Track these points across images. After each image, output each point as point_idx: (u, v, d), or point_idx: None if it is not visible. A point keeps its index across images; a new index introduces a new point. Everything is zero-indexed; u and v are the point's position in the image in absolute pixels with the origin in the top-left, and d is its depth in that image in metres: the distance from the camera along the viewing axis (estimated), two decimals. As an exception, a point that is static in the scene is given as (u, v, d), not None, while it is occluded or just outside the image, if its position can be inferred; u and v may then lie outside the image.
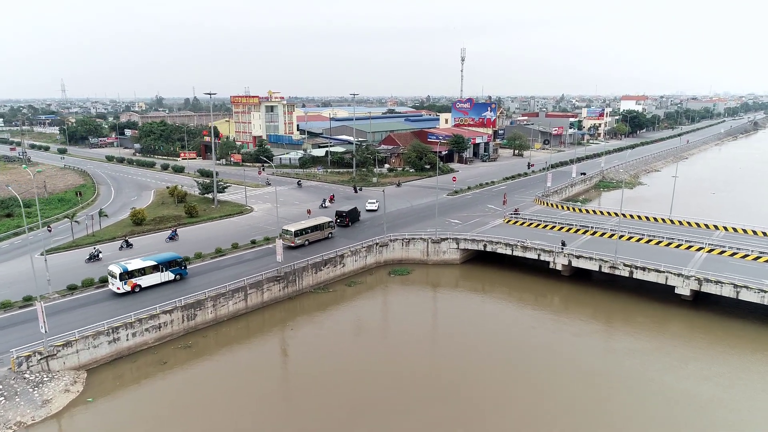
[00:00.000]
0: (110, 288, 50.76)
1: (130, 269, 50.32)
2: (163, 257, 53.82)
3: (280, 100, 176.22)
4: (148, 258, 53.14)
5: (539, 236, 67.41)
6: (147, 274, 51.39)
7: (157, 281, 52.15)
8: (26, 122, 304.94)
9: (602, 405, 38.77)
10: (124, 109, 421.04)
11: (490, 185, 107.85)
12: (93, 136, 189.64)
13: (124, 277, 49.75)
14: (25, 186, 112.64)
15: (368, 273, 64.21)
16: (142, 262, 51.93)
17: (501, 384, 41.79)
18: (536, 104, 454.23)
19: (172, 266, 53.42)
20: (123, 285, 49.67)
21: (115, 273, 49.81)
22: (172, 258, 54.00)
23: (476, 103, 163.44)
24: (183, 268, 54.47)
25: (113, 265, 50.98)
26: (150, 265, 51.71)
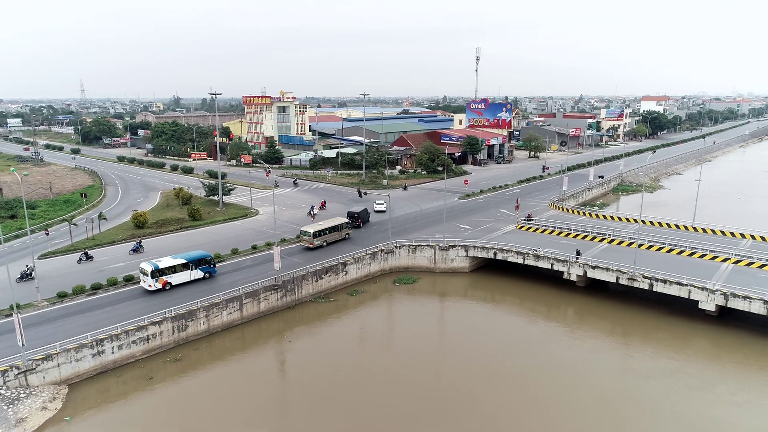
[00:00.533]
0: (142, 285, 50.95)
1: (161, 267, 50.56)
2: (193, 255, 53.95)
3: (292, 100, 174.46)
4: (178, 256, 53.21)
5: (553, 243, 64.04)
6: (177, 272, 51.64)
7: (187, 279, 52.41)
8: (45, 122, 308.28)
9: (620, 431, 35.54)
10: (142, 109, 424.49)
11: (504, 188, 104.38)
12: (106, 137, 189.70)
13: (155, 275, 49.98)
14: (34, 186, 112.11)
15: (372, 281, 61.45)
16: (173, 260, 52.01)
17: (511, 405, 38.78)
18: (554, 105, 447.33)
19: (201, 264, 53.70)
20: (154, 282, 49.89)
21: (146, 270, 50.02)
22: (201, 256, 54.18)
23: (491, 103, 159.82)
24: (212, 266, 54.72)
25: (145, 263, 51.04)
26: (180, 263, 51.84)
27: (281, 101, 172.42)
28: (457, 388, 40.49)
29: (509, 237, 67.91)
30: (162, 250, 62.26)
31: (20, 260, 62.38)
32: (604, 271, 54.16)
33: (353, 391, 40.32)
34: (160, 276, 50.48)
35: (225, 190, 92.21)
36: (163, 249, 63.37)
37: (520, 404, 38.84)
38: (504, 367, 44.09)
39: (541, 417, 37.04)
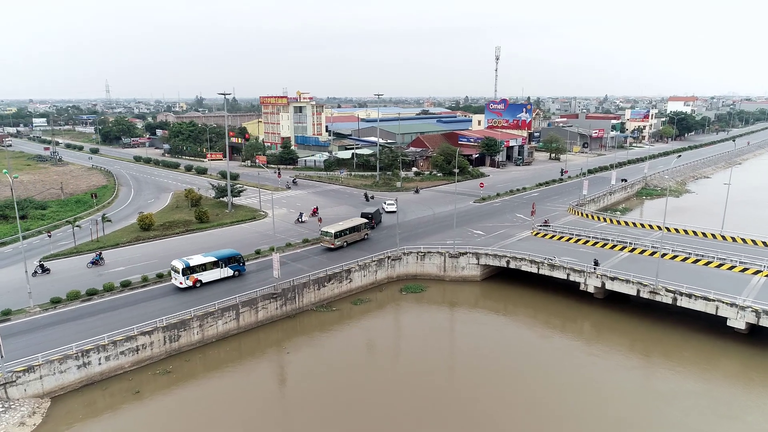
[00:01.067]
0: (173, 283, 51.53)
1: (191, 265, 51.21)
2: (223, 253, 54.57)
3: (309, 100, 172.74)
4: (208, 254, 53.66)
5: (570, 252, 60.68)
6: (208, 269, 52.14)
7: (217, 277, 52.92)
8: (69, 122, 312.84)
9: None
10: (165, 110, 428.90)
11: (522, 192, 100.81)
12: (126, 137, 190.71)
13: (186, 272, 50.60)
14: (49, 185, 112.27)
15: (378, 289, 58.87)
16: (203, 258, 52.55)
17: (525, 427, 35.88)
18: (578, 105, 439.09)
19: (231, 263, 54.29)
20: (185, 280, 50.55)
21: (178, 268, 50.69)
22: (231, 254, 54.79)
23: (511, 104, 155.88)
24: (242, 264, 55.30)
25: (176, 261, 51.68)
26: (210, 261, 52.42)
27: (298, 101, 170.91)
28: (466, 408, 37.70)
29: (524, 244, 64.69)
30: (83, 273, 57.38)
31: (19, 264, 61.42)
32: (623, 283, 50.69)
33: (355, 407, 37.93)
34: (191, 273, 51.02)
35: (235, 192, 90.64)
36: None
37: (534, 426, 35.91)
38: (517, 386, 41.24)
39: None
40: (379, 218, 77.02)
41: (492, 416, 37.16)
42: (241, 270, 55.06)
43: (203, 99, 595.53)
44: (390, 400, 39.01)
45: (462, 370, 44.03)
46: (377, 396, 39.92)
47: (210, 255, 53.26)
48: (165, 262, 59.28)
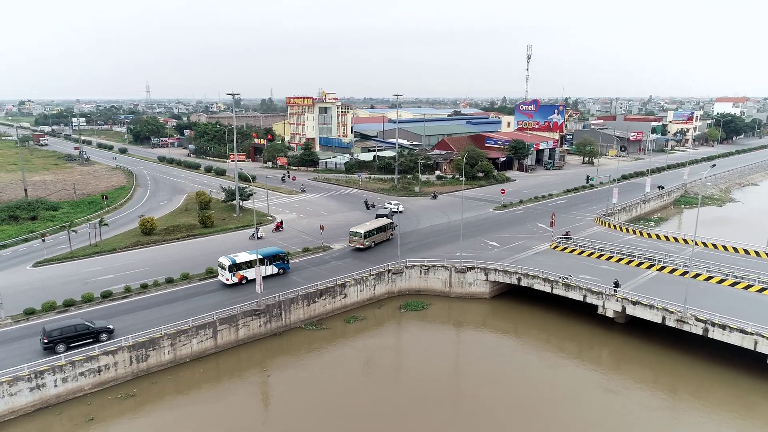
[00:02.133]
0: (220, 279, 52.34)
1: (238, 262, 51.95)
2: (268, 251, 55.26)
3: (334, 101, 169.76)
4: (254, 251, 53.28)
5: (590, 268, 54.89)
6: (253, 267, 51.60)
7: (262, 274, 51.36)
8: (108, 122, 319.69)
9: None
10: (203, 110, 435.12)
11: (548, 199, 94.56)
12: (155, 137, 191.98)
13: (232, 269, 51.39)
14: (69, 186, 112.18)
15: (376, 306, 54.42)
16: (249, 255, 52.93)
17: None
18: (620, 106, 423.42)
19: (275, 260, 54.91)
20: (231, 276, 51.37)
21: (224, 265, 51.51)
22: (276, 252, 55.56)
23: (542, 104, 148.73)
24: (286, 262, 55.74)
25: (223, 258, 52.63)
26: (253, 259, 52.23)
27: (323, 102, 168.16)
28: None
29: (540, 258, 59.14)
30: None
31: (11, 269, 59.86)
32: (647, 308, 44.74)
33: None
34: (237, 270, 51.75)
35: (244, 195, 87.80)
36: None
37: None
38: (525, 424, 36.22)
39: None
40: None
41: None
42: (285, 268, 55.57)
43: (241, 99, 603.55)
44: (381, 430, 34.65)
45: (464, 402, 39.15)
46: (367, 427, 35.61)
47: (257, 252, 52.87)
48: (157, 270, 56.71)
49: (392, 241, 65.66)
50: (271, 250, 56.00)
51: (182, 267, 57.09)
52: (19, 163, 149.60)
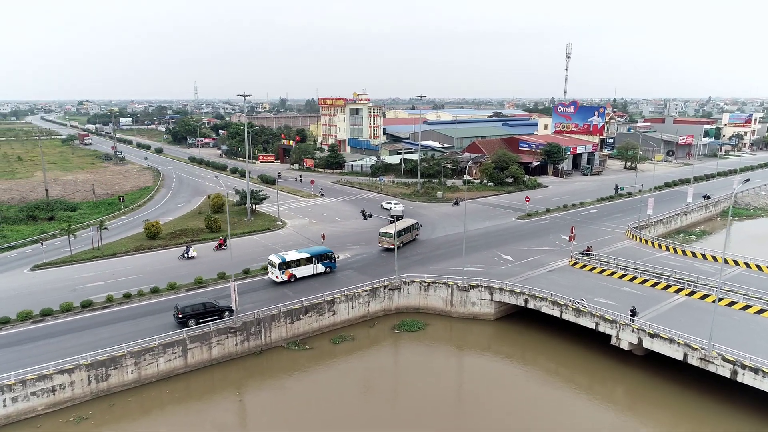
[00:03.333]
0: (269, 277, 52.99)
1: (287, 260, 52.40)
2: (316, 250, 56.16)
3: (366, 102, 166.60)
4: (303, 250, 55.42)
5: (610, 290, 49.17)
6: (302, 265, 53.38)
7: (310, 273, 54.07)
8: (155, 121, 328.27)
9: None
10: (249, 111, 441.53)
11: (578, 207, 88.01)
12: (191, 137, 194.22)
13: (282, 267, 51.91)
14: (98, 185, 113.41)
15: (369, 324, 50.39)
16: (298, 253, 53.98)
17: None
18: (675, 108, 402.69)
19: (323, 259, 55.37)
20: (281, 274, 51.89)
21: (274, 263, 52.01)
22: (324, 251, 56.09)
23: (581, 106, 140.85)
24: (333, 261, 56.14)
25: (273, 256, 53.04)
26: (305, 257, 53.73)
27: (355, 103, 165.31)
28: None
29: (555, 276, 53.70)
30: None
31: (10, 272, 59.30)
32: (666, 342, 38.94)
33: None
34: (287, 268, 52.30)
35: (257, 199, 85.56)
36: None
37: None
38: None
39: None
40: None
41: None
42: (332, 267, 56.05)
43: (286, 100, 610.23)
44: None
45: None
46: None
47: (304, 251, 55.03)
48: (151, 277, 54.79)
49: (418, 242, 65.21)
50: (319, 249, 56.86)
51: (177, 275, 54.95)
52: (57, 162, 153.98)
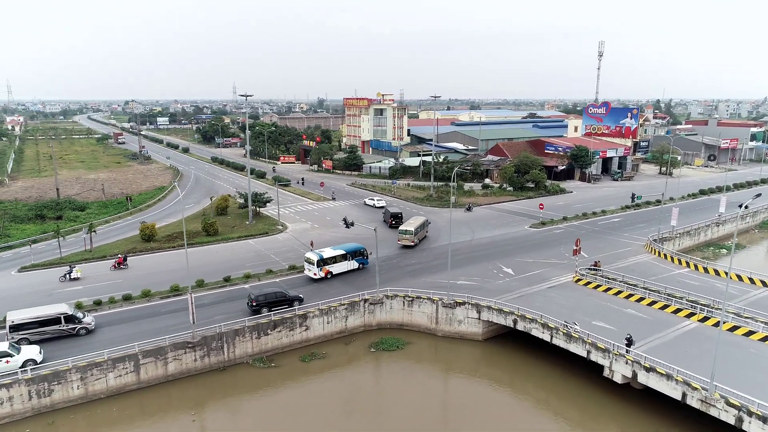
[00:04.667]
0: (307, 274, 53.42)
1: (325, 257, 53.22)
2: (350, 247, 56.75)
3: (390, 102, 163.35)
4: (337, 247, 56.18)
5: (611, 313, 44.24)
6: (338, 262, 54.32)
7: (345, 269, 55.18)
8: (191, 121, 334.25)
9: None
10: (286, 110, 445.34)
11: (599, 216, 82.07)
12: (218, 136, 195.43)
13: (320, 264, 52.63)
14: (118, 184, 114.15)
15: (345, 341, 46.91)
16: (333, 251, 54.83)
17: None
18: (726, 109, 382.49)
19: (356, 256, 56.17)
20: (318, 271, 52.62)
21: (312, 260, 52.59)
22: (357, 248, 56.75)
23: (613, 107, 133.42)
24: (366, 257, 56.91)
25: (310, 253, 53.62)
26: (340, 254, 54.68)
27: (379, 104, 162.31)
28: None
29: (554, 294, 48.95)
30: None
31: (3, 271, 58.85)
32: (663, 378, 33.97)
33: None
34: (324, 265, 52.97)
35: (261, 201, 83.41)
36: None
37: None
38: None
39: None
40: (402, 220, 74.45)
41: None
42: (364, 263, 56.73)
43: (324, 100, 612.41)
44: None
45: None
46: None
47: (339, 248, 55.76)
48: (131, 283, 53.21)
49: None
50: (353, 246, 57.28)
51: (159, 281, 53.06)
52: (86, 161, 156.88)
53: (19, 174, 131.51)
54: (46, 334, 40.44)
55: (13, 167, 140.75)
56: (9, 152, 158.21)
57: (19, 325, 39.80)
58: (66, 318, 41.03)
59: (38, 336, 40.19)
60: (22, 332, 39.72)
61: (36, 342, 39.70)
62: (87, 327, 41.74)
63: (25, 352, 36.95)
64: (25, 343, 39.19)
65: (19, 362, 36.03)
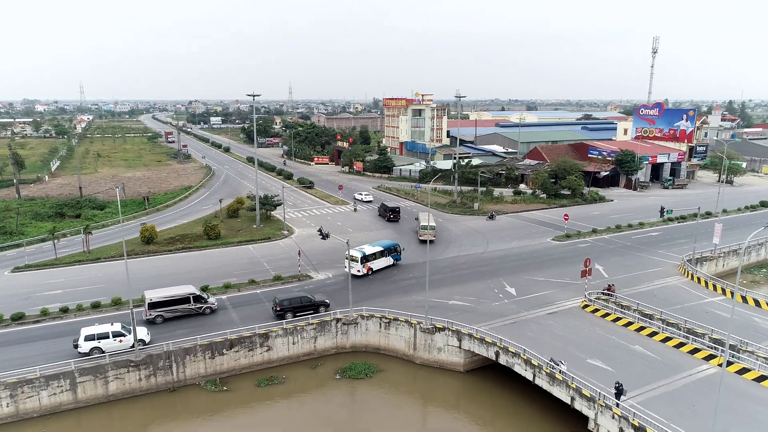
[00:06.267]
0: (349, 271, 51.34)
1: (367, 254, 53.74)
2: (387, 243, 57.95)
3: (429, 102, 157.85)
4: (375, 244, 57.10)
5: (616, 349, 37.85)
6: (377, 258, 54.94)
7: (383, 265, 55.83)
8: (244, 121, 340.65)
9: None
10: (340, 111, 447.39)
11: (635, 229, 73.96)
12: (262, 136, 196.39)
13: (363, 261, 53.12)
14: (149, 183, 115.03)
15: (312, 364, 42.61)
16: (372, 247, 55.45)
17: None
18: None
19: (392, 252, 57.12)
20: (362, 267, 53.09)
21: (357, 257, 52.76)
22: (392, 245, 57.98)
23: (667, 108, 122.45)
24: (399, 253, 57.94)
25: (354, 251, 53.01)
26: (379, 251, 55.42)
27: (418, 104, 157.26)
28: None
29: (553, 322, 42.79)
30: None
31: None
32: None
33: None
34: (366, 262, 53.34)
35: (271, 205, 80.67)
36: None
37: None
38: None
39: None
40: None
41: None
42: (398, 259, 57.73)
43: (379, 100, 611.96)
44: None
45: None
46: None
47: (377, 245, 56.54)
48: (112, 288, 51.28)
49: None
50: (389, 243, 58.46)
51: (142, 287, 50.83)
52: (129, 159, 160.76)
53: (63, 171, 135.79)
54: (177, 312, 43.86)
55: (60, 165, 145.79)
56: (60, 150, 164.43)
57: (156, 303, 43.42)
58: (194, 298, 44.55)
59: (171, 314, 43.70)
60: (158, 310, 43.41)
61: (171, 319, 43.74)
62: (211, 307, 45.18)
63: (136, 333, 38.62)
64: (161, 320, 43.30)
65: (131, 341, 38.18)
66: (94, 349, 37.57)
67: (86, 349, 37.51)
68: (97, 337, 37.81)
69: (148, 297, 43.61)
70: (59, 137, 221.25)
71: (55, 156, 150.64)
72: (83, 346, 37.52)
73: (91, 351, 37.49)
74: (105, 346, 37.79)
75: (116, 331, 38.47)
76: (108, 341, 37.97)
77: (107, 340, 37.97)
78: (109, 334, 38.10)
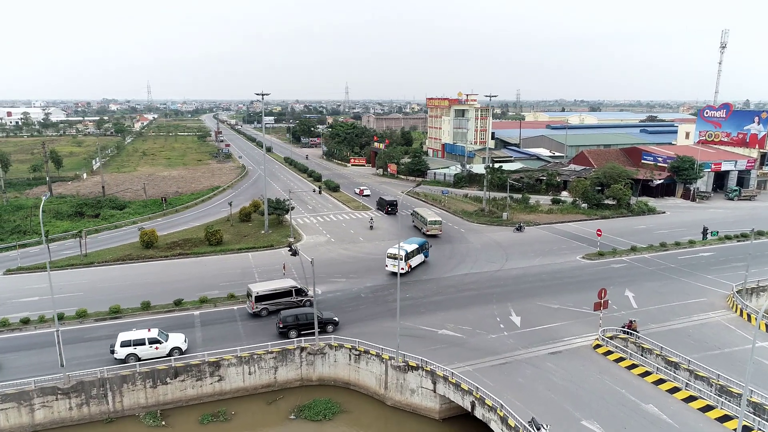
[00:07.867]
0: (390, 270, 53.69)
1: (408, 251, 54.58)
2: (420, 241, 59.34)
3: (473, 102, 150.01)
4: (409, 241, 58.19)
5: (622, 408, 30.49)
6: (414, 255, 56.43)
7: (418, 262, 57.48)
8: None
9: None
10: (396, 110, 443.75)
11: (683, 247, 64.44)
12: (305, 137, 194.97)
13: (406, 258, 53.87)
14: (180, 183, 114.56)
15: (269, 398, 37.58)
16: (409, 245, 56.39)
17: None
18: None
19: (423, 250, 58.81)
20: (404, 265, 53.28)
21: (400, 255, 51.22)
22: (423, 242, 59.44)
23: (735, 110, 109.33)
24: (427, 251, 59.72)
25: (393, 249, 53.57)
26: (415, 248, 56.62)
27: (462, 104, 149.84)
28: None
29: (553, 365, 35.68)
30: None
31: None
32: None
33: None
34: (407, 260, 54.14)
35: (283, 209, 76.68)
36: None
37: None
38: None
39: None
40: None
41: None
42: (427, 256, 59.53)
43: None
44: None
45: None
46: None
47: (413, 242, 57.76)
48: (90, 297, 48.98)
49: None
50: (421, 240, 59.64)
51: (122, 297, 48.10)
52: (172, 158, 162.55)
53: (106, 170, 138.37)
54: (280, 305, 44.21)
55: (105, 163, 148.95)
56: (109, 147, 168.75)
57: (263, 296, 43.95)
58: (296, 291, 45.40)
59: (275, 306, 44.05)
60: (264, 303, 44.00)
61: (272, 312, 43.91)
62: (311, 300, 44.74)
63: (173, 340, 37.95)
64: (266, 313, 43.86)
65: (167, 349, 37.18)
66: (130, 355, 36.33)
67: (122, 355, 36.33)
68: (133, 344, 36.59)
69: (255, 290, 44.06)
70: (117, 135, 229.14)
71: (99, 154, 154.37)
72: (119, 352, 36.36)
73: (127, 358, 36.25)
74: (141, 353, 36.47)
75: (152, 338, 37.13)
76: (144, 348, 36.63)
77: (143, 346, 36.66)
78: (145, 341, 36.77)
